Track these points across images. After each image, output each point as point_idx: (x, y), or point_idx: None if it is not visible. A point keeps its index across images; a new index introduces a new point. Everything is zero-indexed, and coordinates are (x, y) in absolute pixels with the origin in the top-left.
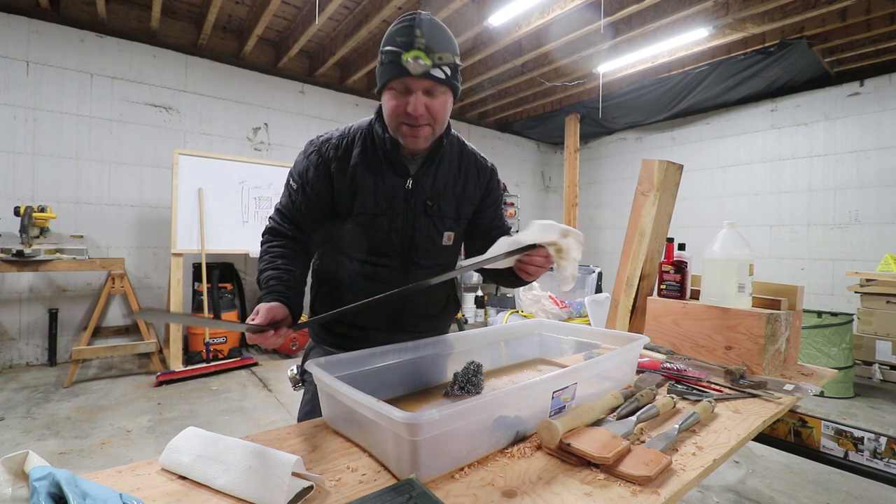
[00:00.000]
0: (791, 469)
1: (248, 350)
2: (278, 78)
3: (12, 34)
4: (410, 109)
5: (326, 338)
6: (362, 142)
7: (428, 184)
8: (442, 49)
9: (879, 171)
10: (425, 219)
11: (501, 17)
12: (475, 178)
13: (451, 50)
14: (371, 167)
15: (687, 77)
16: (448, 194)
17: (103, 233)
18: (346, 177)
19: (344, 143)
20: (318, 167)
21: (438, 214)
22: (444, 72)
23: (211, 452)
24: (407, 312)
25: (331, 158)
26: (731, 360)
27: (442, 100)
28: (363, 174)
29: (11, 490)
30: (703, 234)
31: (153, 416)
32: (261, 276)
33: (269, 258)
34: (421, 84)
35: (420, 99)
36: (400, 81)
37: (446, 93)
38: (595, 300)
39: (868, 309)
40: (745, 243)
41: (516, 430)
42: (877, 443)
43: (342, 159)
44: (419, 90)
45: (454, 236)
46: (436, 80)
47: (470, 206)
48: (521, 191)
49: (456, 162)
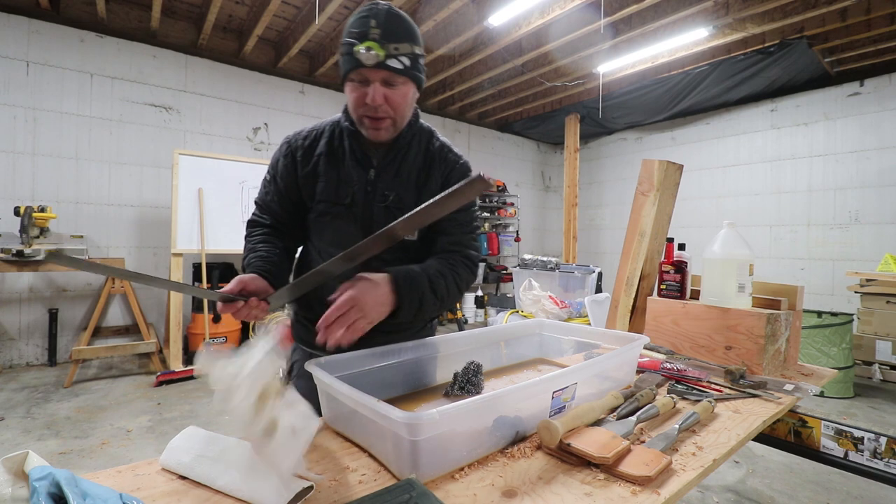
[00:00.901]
0: (791, 469)
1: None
2: (278, 78)
3: (12, 34)
4: (369, 100)
5: (308, 337)
6: (330, 133)
7: (390, 175)
8: (398, 40)
9: (879, 171)
10: (384, 210)
11: (501, 17)
12: (439, 170)
13: (411, 40)
14: (335, 157)
15: (687, 77)
16: (410, 185)
17: (103, 233)
18: (308, 165)
19: (313, 135)
20: (286, 157)
21: (398, 206)
22: (401, 62)
23: (211, 452)
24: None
25: (298, 147)
26: (731, 360)
27: (402, 91)
28: (326, 164)
29: (11, 490)
30: (703, 234)
31: (153, 416)
32: (243, 262)
33: (250, 245)
34: (378, 75)
35: (378, 89)
36: (357, 73)
37: (406, 83)
38: (595, 300)
39: (868, 309)
40: (745, 243)
41: (516, 430)
42: (877, 443)
43: (308, 148)
44: (377, 80)
45: (417, 231)
46: (392, 70)
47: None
48: (521, 191)
49: (422, 154)
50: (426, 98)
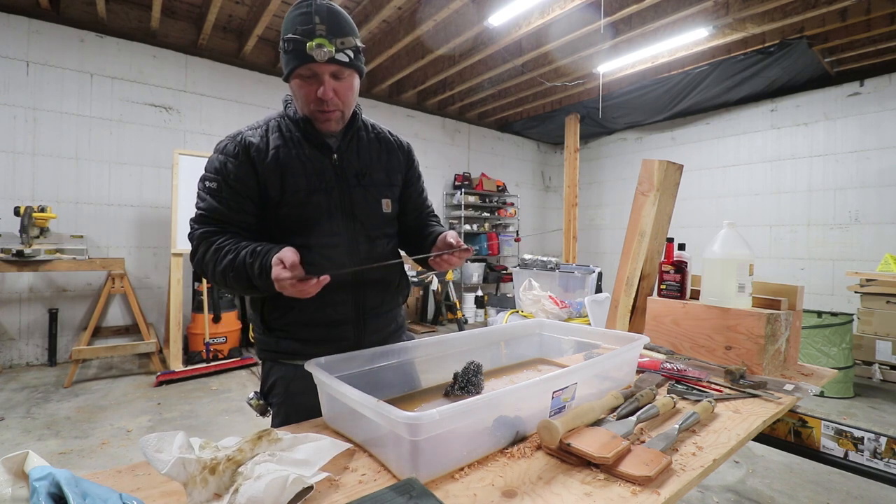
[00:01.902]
0: (791, 469)
1: (248, 350)
2: (278, 78)
3: (12, 34)
4: (321, 94)
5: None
6: (277, 128)
7: (353, 157)
8: (343, 34)
9: (879, 171)
10: (360, 189)
11: (501, 17)
12: (396, 149)
13: (352, 33)
14: (292, 147)
15: (687, 77)
16: (375, 165)
17: (103, 233)
18: (268, 158)
19: (259, 132)
20: (237, 156)
21: (372, 183)
22: (347, 55)
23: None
24: (370, 292)
25: (249, 144)
26: (731, 360)
27: (348, 82)
28: (286, 154)
29: (11, 490)
30: (703, 234)
31: (153, 416)
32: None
33: (228, 246)
34: (327, 69)
35: (329, 83)
36: (306, 68)
37: (352, 75)
38: (595, 300)
39: (868, 309)
40: (745, 243)
41: (516, 430)
42: (877, 443)
43: (260, 143)
44: (326, 74)
45: (391, 203)
46: (341, 63)
47: (398, 174)
48: (521, 191)
49: (374, 137)
50: (426, 98)
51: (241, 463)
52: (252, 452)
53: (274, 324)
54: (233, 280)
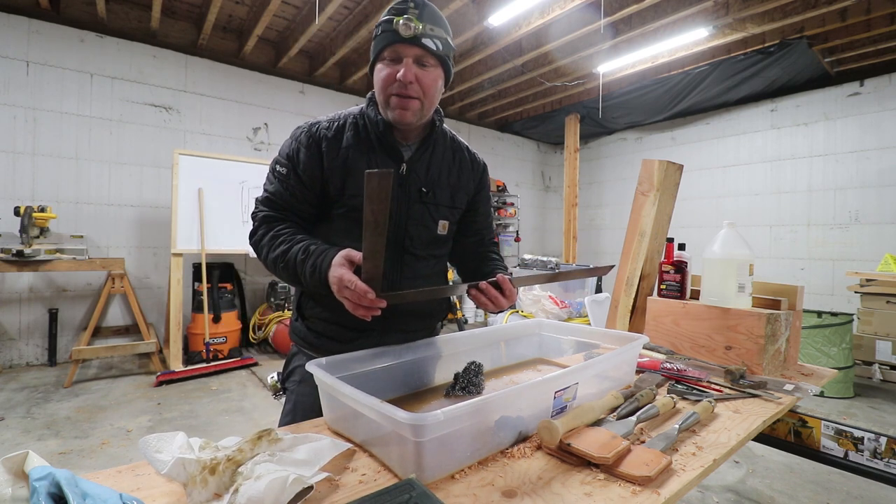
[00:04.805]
0: (791, 469)
1: (248, 350)
2: (278, 78)
3: (12, 34)
4: (401, 76)
5: (315, 342)
6: (354, 126)
7: (422, 170)
8: (434, 23)
9: (879, 171)
10: (420, 206)
11: (501, 17)
12: (469, 169)
13: (444, 28)
14: (363, 150)
15: (687, 77)
16: (443, 182)
17: (103, 233)
18: (337, 157)
19: (335, 126)
20: (308, 147)
21: (433, 202)
22: (435, 43)
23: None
24: (402, 310)
25: (321, 138)
26: (731, 360)
27: (433, 74)
28: (355, 157)
29: (11, 490)
30: (703, 234)
31: (153, 416)
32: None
33: (284, 237)
34: (412, 51)
35: (410, 66)
36: (391, 49)
37: (437, 67)
38: (595, 300)
39: (868, 309)
40: (745, 243)
41: (518, 431)
42: (877, 443)
43: (333, 139)
44: (410, 56)
45: (448, 225)
46: (426, 49)
47: (464, 196)
48: (521, 191)
49: (449, 151)
50: None
51: (241, 463)
52: (252, 452)
53: (307, 312)
54: (282, 270)
